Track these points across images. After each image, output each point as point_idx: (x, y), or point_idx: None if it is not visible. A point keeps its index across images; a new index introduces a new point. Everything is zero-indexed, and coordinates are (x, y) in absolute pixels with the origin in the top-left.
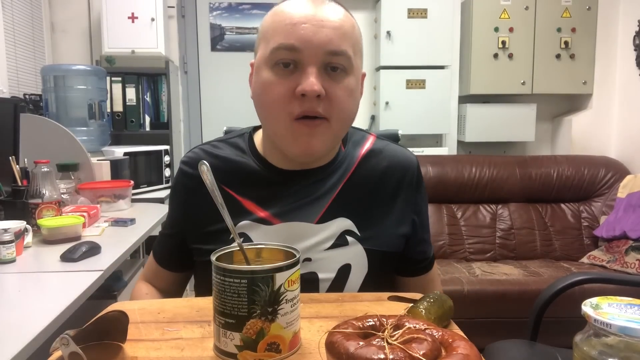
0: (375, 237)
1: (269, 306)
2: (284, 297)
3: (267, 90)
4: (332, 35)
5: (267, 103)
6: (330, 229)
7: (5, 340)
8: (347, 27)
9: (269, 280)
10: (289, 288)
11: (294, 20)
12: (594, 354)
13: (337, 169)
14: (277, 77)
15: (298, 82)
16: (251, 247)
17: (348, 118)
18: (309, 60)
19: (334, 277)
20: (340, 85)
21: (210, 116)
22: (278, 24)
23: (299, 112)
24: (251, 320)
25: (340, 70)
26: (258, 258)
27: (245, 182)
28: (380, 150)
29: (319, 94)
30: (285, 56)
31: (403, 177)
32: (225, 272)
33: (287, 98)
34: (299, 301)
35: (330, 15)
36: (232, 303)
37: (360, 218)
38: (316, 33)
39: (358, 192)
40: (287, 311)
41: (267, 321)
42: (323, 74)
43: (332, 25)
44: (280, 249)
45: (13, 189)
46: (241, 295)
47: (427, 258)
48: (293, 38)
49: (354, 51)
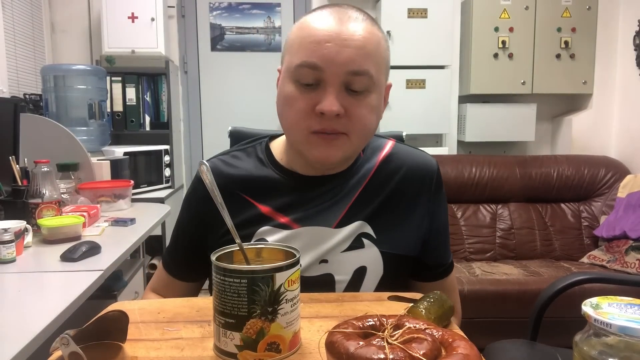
0: (391, 240)
1: (269, 306)
2: (284, 297)
3: (289, 104)
4: (355, 55)
5: (288, 116)
6: (347, 232)
7: (5, 340)
8: (371, 45)
9: (269, 280)
10: (289, 288)
11: (318, 38)
12: (594, 354)
13: (355, 175)
14: (299, 92)
15: (319, 99)
16: (251, 247)
17: (368, 133)
18: (330, 79)
19: (349, 279)
20: (362, 103)
21: (210, 116)
22: (303, 40)
23: (317, 128)
24: (251, 320)
25: (362, 89)
26: (258, 258)
27: (265, 191)
28: (399, 155)
29: (338, 113)
30: (307, 74)
31: (422, 182)
32: (225, 271)
33: (307, 114)
34: (299, 301)
35: (355, 33)
36: (232, 303)
37: (377, 222)
38: (339, 53)
39: (376, 196)
40: (287, 311)
41: (267, 321)
42: (344, 93)
43: (355, 45)
44: (280, 248)
45: (13, 188)
46: (241, 295)
47: (443, 264)
48: (316, 57)
49: (378, 69)
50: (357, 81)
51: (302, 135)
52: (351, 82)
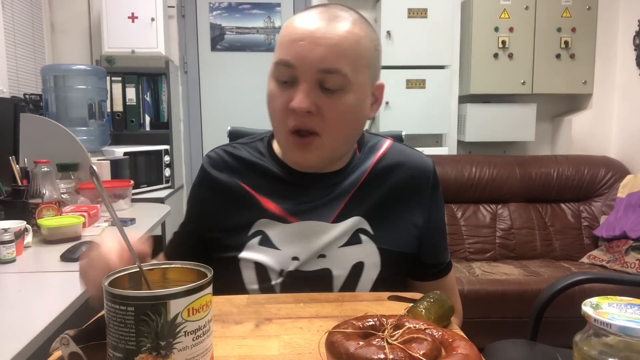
0: (388, 236)
1: (162, 339)
2: (181, 329)
3: (270, 101)
4: (326, 53)
5: (270, 113)
6: (345, 227)
7: (5, 340)
8: (347, 43)
9: (160, 308)
10: (189, 318)
11: (294, 37)
12: (594, 354)
13: (352, 173)
14: (278, 89)
15: (292, 97)
16: (154, 268)
17: (346, 133)
18: (302, 77)
19: (347, 274)
20: (336, 102)
21: (210, 116)
22: (283, 38)
23: (292, 125)
24: (140, 355)
25: (336, 88)
26: (164, 280)
27: (264, 181)
28: (396, 154)
29: (308, 110)
30: (283, 71)
31: (419, 181)
32: (113, 297)
33: (284, 111)
34: (208, 332)
35: (330, 31)
36: (119, 334)
37: (375, 218)
38: (311, 51)
39: (373, 193)
40: (187, 345)
41: (160, 357)
42: (317, 91)
43: (328, 43)
44: (192, 268)
45: (13, 189)
46: (128, 325)
47: (440, 264)
48: (290, 55)
49: (356, 68)
50: (329, 79)
51: (282, 134)
52: (324, 80)
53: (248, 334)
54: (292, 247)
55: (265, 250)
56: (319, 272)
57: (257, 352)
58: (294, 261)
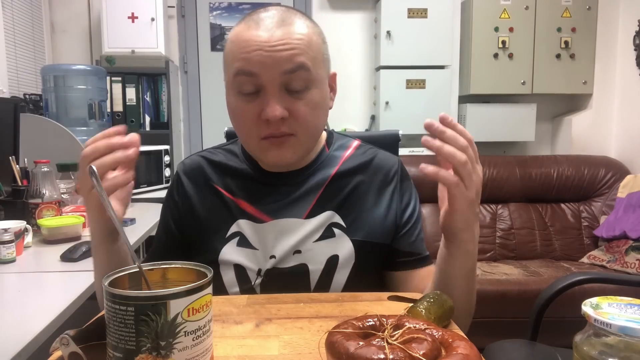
0: (361, 228)
1: (162, 339)
2: (181, 329)
3: (236, 116)
4: (286, 56)
5: (237, 126)
6: (318, 222)
7: (5, 340)
8: (302, 44)
9: (160, 308)
10: (189, 318)
11: (248, 48)
12: (594, 354)
13: (322, 168)
14: (242, 102)
15: (262, 106)
16: (154, 268)
17: (316, 129)
18: (268, 84)
19: (322, 268)
20: (304, 101)
21: (210, 116)
22: (235, 50)
23: (265, 134)
24: (140, 355)
25: (302, 86)
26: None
27: (239, 184)
28: (364, 152)
29: (283, 116)
30: (245, 81)
31: (386, 175)
32: (113, 297)
33: (254, 122)
34: (208, 333)
35: (284, 37)
36: (119, 334)
37: (346, 212)
38: (270, 56)
39: (343, 188)
40: (187, 345)
41: (160, 357)
42: (284, 94)
43: (286, 46)
44: (192, 268)
45: (13, 189)
46: (128, 325)
47: (413, 253)
48: (250, 65)
49: (314, 63)
50: (294, 79)
51: (254, 143)
52: (289, 82)
53: (248, 334)
54: (268, 245)
55: (243, 251)
56: (295, 268)
57: (257, 352)
58: (271, 259)
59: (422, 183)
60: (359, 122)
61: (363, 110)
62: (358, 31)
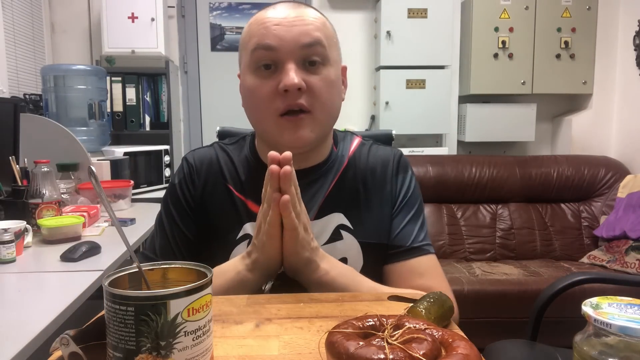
0: (367, 229)
1: (162, 339)
2: (181, 329)
3: (254, 93)
4: (304, 30)
5: (254, 105)
6: (325, 224)
7: (5, 340)
8: (318, 22)
9: (160, 308)
10: (189, 318)
11: (267, 24)
12: (594, 354)
13: (330, 168)
14: (260, 79)
15: (279, 79)
16: (154, 268)
17: (332, 108)
18: (287, 57)
19: None
20: (320, 76)
21: (210, 116)
22: (253, 29)
23: (283, 106)
24: (140, 355)
25: (318, 62)
26: (164, 280)
27: (249, 183)
28: (366, 150)
29: (300, 87)
30: (263, 56)
31: (387, 168)
32: (113, 297)
33: (272, 96)
34: (208, 333)
35: (302, 15)
36: (119, 334)
37: (353, 213)
38: (289, 31)
39: (349, 188)
40: (187, 345)
41: (160, 357)
42: (302, 69)
43: (303, 23)
44: (192, 268)
45: (13, 189)
46: (128, 325)
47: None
48: (268, 38)
49: (329, 43)
50: (311, 53)
51: (271, 121)
52: (306, 56)
53: (248, 334)
54: None
55: None
56: None
57: (257, 352)
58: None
59: (422, 183)
60: (359, 122)
61: (363, 110)
62: (358, 31)
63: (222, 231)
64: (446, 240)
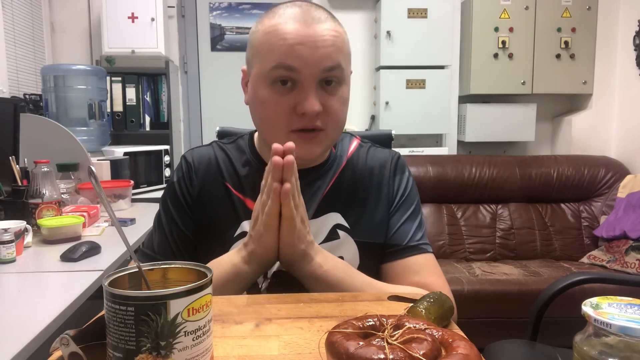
0: (364, 229)
1: (162, 339)
2: (181, 329)
3: (266, 107)
4: (327, 53)
5: (266, 116)
6: (322, 224)
7: (5, 340)
8: (338, 41)
9: (160, 308)
10: (189, 318)
11: (290, 41)
12: (594, 354)
13: (329, 169)
14: (275, 94)
15: (297, 99)
16: (154, 268)
17: (342, 125)
18: (307, 80)
19: None
20: (336, 97)
21: (210, 116)
22: (274, 43)
23: (297, 126)
24: (140, 355)
25: (335, 82)
26: (164, 280)
27: (247, 182)
28: (365, 151)
29: (319, 112)
30: (283, 74)
31: (384, 170)
32: (113, 297)
33: (287, 114)
34: (208, 333)
35: (323, 33)
36: (119, 334)
37: (349, 212)
38: (312, 54)
39: (347, 188)
40: (187, 345)
41: (160, 357)
42: (319, 90)
43: (325, 44)
44: (192, 268)
45: (13, 189)
46: (128, 325)
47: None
48: (290, 59)
49: (345, 60)
50: (331, 75)
51: (282, 135)
52: (326, 77)
53: (248, 334)
54: None
55: None
56: None
57: (257, 352)
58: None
59: (422, 183)
60: (359, 122)
61: (363, 110)
62: (358, 31)
63: (220, 229)
64: (446, 240)
